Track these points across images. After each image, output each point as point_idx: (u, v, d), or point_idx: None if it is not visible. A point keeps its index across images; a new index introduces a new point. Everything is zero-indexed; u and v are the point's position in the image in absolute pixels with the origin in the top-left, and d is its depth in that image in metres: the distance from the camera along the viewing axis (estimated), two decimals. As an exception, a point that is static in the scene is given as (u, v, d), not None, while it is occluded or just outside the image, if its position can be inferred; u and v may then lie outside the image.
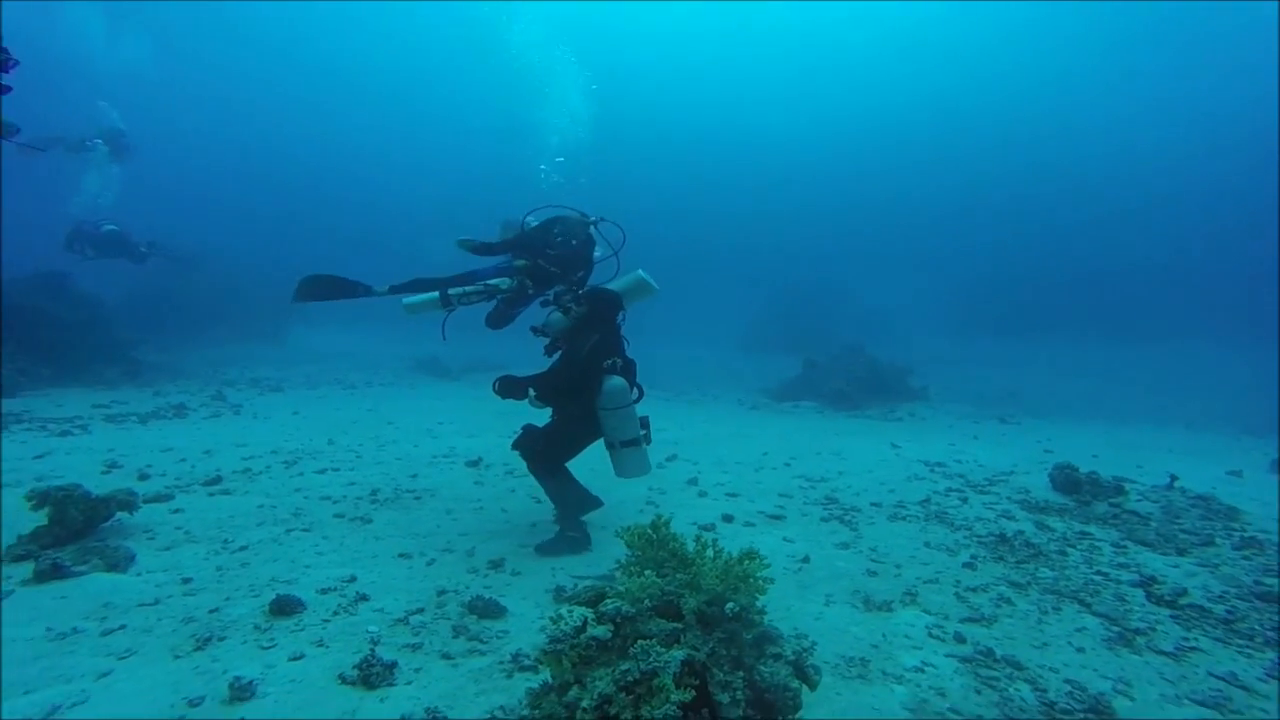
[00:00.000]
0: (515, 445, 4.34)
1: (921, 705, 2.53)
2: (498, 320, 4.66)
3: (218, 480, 5.23)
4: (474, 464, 6.20)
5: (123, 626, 2.89)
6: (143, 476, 5.26)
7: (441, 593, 3.38)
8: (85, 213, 11.91)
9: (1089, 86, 36.31)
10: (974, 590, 3.65)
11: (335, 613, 3.13)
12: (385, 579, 3.55)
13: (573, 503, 4.28)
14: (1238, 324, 23.78)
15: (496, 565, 3.79)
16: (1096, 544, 4.47)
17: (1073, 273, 31.96)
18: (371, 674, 2.56)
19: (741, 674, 1.73)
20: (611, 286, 4.32)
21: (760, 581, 1.80)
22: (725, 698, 1.66)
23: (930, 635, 3.12)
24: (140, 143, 13.21)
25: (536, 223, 4.60)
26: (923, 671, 2.78)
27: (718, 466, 6.50)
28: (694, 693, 1.58)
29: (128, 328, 12.22)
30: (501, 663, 2.72)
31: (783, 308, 23.76)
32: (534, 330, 4.29)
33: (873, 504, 5.30)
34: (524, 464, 4.35)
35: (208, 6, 34.68)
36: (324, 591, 3.34)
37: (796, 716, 1.75)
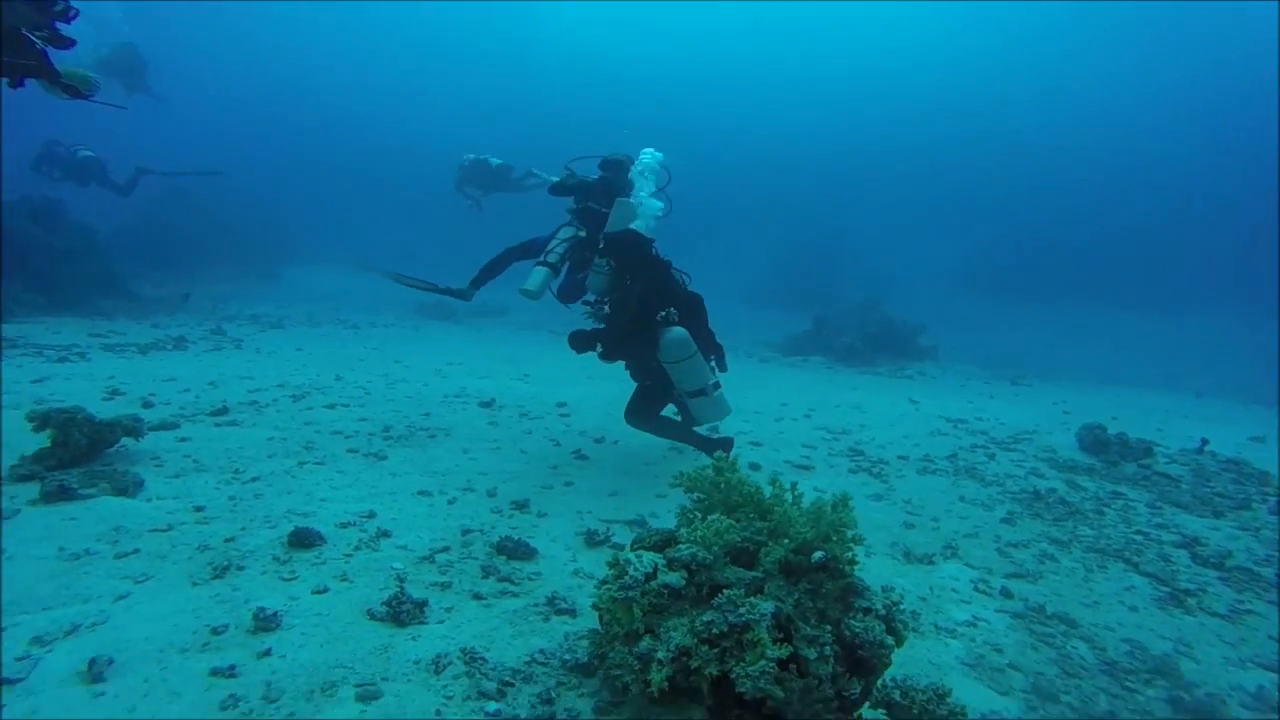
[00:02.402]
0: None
1: (979, 660, 2.42)
2: (569, 294, 4.81)
3: (224, 411, 5.04)
4: (487, 405, 6.02)
5: (136, 551, 2.74)
6: (146, 404, 5.06)
7: (466, 532, 3.25)
8: (63, 134, 11.18)
9: (1102, 53, 35.02)
10: (1015, 546, 3.54)
11: (356, 547, 2.99)
12: (406, 516, 3.41)
13: (692, 435, 4.35)
14: (1240, 295, 23.48)
15: (521, 506, 3.65)
16: (1131, 504, 4.37)
17: (1079, 239, 31.37)
18: (402, 611, 2.43)
19: (829, 628, 1.57)
20: (610, 228, 4.23)
21: (853, 535, 1.62)
22: (812, 653, 1.51)
23: (976, 590, 3.02)
24: (153, 59, 12.31)
25: (580, 169, 4.86)
26: (975, 626, 2.68)
27: (736, 415, 6.30)
28: (790, 648, 1.42)
29: (123, 261, 11.83)
30: (536, 605, 2.60)
31: (788, 263, 23.23)
32: (585, 303, 4.46)
33: (900, 457, 5.18)
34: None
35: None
36: (343, 526, 3.20)
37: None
